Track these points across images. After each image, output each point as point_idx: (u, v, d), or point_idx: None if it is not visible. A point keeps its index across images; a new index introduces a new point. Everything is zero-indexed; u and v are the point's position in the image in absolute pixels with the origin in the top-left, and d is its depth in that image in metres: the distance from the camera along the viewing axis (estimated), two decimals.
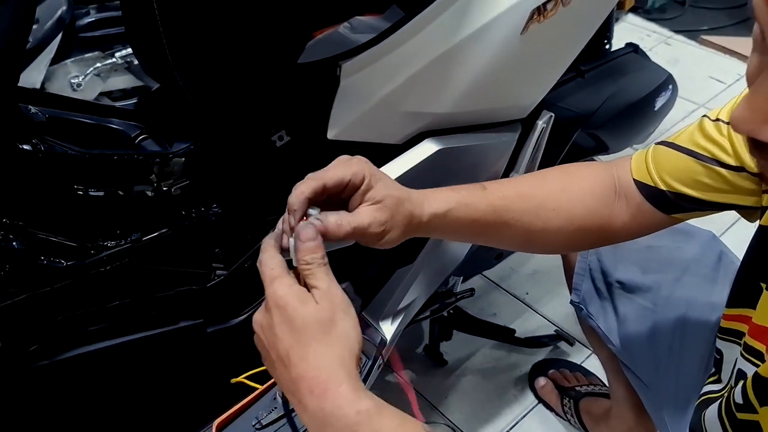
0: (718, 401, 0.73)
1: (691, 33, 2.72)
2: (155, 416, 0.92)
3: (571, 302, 1.10)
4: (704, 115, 0.72)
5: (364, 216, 0.65)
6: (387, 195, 0.66)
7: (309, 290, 0.57)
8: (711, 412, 0.75)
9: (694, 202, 0.73)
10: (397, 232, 0.67)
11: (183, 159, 0.86)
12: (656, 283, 1.00)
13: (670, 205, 0.75)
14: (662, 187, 0.74)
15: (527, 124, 1.07)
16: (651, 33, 2.74)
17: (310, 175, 0.64)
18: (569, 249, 0.83)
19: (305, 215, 0.62)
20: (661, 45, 2.66)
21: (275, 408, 0.98)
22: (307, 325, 0.55)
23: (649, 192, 0.75)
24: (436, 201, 0.71)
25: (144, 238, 0.85)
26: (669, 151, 0.74)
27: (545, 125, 1.07)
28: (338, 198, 0.66)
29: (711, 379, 0.88)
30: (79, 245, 0.81)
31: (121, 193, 0.84)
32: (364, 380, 1.01)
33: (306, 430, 0.90)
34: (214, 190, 0.91)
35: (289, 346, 0.55)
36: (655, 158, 0.75)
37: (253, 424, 0.97)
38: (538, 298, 1.65)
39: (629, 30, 2.74)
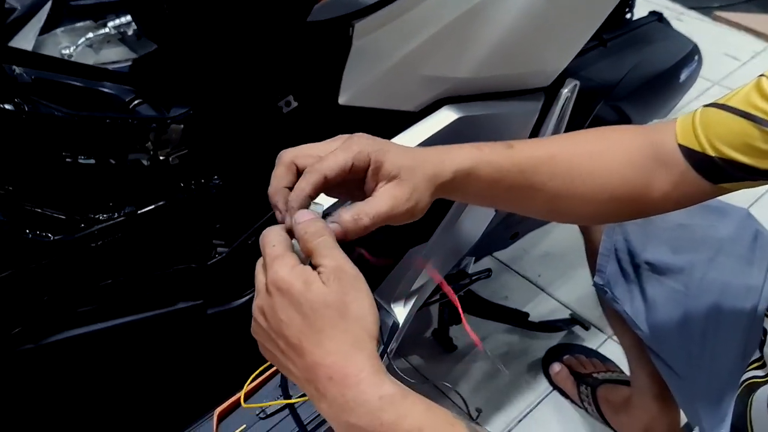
0: (765, 385, 0.67)
1: (705, 9, 2.64)
2: (151, 406, 0.86)
3: (595, 285, 1.03)
4: (761, 75, 0.65)
5: (382, 200, 0.59)
6: (401, 166, 0.60)
7: (315, 269, 0.52)
8: (759, 399, 0.68)
9: (746, 171, 0.66)
10: (425, 200, 0.61)
11: (181, 126, 0.80)
12: (688, 264, 0.93)
13: (718, 174, 0.67)
14: (711, 153, 0.67)
15: (550, 93, 1.00)
16: (663, 9, 2.65)
17: (308, 168, 0.58)
18: (599, 220, 0.76)
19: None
20: (673, 21, 2.56)
21: (280, 396, 0.92)
22: (317, 309, 0.50)
23: (696, 158, 0.68)
24: (459, 157, 0.64)
25: (139, 212, 0.78)
26: (720, 113, 0.67)
27: (570, 94, 1.00)
28: (348, 182, 0.60)
29: (754, 365, 0.82)
30: (67, 218, 0.75)
31: (113, 161, 0.77)
32: None
33: (312, 420, 0.84)
34: (215, 160, 0.84)
35: (300, 332, 0.50)
36: (703, 121, 0.68)
37: (257, 413, 0.91)
38: (551, 281, 1.59)
39: (641, 5, 2.65)
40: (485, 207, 0.72)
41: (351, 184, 0.61)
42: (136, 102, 0.82)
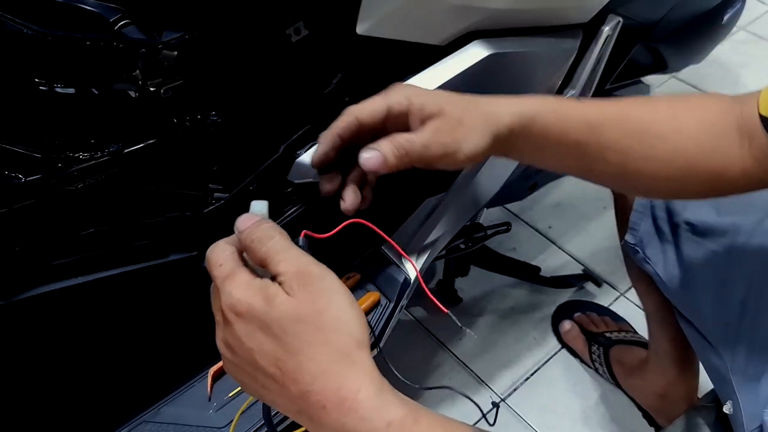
0: None
1: None
2: (140, 366, 0.78)
3: (625, 243, 0.95)
4: None
5: (423, 131, 0.55)
6: (446, 102, 0.56)
7: (274, 279, 0.44)
8: None
9: None
10: (475, 139, 0.56)
11: (175, 52, 0.69)
12: (733, 227, 0.85)
13: None
14: None
15: (589, 30, 0.90)
16: None
17: (344, 111, 0.58)
18: (671, 193, 0.69)
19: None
20: None
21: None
22: (287, 327, 0.42)
23: None
24: (521, 102, 0.59)
25: (125, 151, 0.68)
26: None
27: (611, 32, 0.90)
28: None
29: None
30: (43, 156, 0.65)
31: (95, 91, 0.66)
32: (385, 325, 0.87)
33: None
34: (213, 93, 0.73)
35: (276, 359, 0.42)
36: None
37: None
38: (563, 233, 1.51)
39: None
40: (545, 167, 0.65)
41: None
42: (122, 23, 0.70)
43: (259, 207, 0.49)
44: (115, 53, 0.65)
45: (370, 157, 0.55)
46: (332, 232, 0.53)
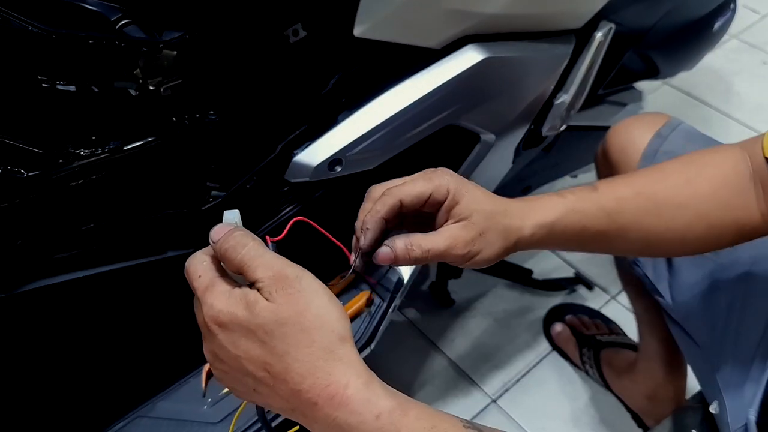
0: None
1: None
2: (136, 361, 0.79)
3: None
4: None
5: (441, 237, 0.57)
6: (475, 210, 0.58)
7: (253, 285, 0.45)
8: None
9: None
10: (491, 251, 0.58)
11: (175, 52, 0.70)
12: None
13: None
14: None
15: (582, 36, 0.91)
16: None
17: (385, 191, 0.58)
18: (700, 250, 0.72)
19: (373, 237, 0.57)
20: None
21: None
22: (272, 331, 0.43)
23: None
24: (542, 209, 0.61)
25: (125, 148, 0.69)
26: None
27: (604, 38, 0.91)
28: (422, 216, 0.60)
29: None
30: (44, 152, 0.66)
31: (96, 89, 0.67)
32: (378, 325, 0.88)
33: None
34: (212, 92, 0.75)
35: (264, 363, 0.44)
36: None
37: None
38: None
39: None
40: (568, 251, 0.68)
41: (424, 219, 0.60)
42: (123, 22, 0.71)
43: (232, 216, 0.50)
44: (117, 52, 0.66)
45: (383, 256, 0.57)
46: (283, 234, 0.54)
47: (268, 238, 0.52)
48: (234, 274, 0.47)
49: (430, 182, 0.58)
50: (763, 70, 1.96)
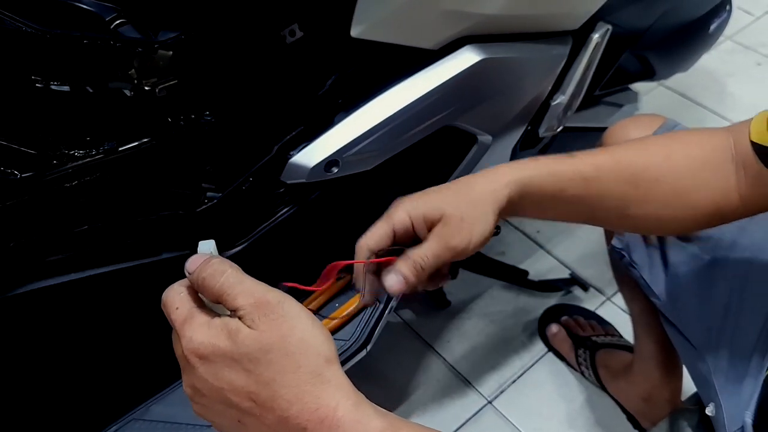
0: None
1: None
2: (130, 363, 0.78)
3: (612, 248, 0.97)
4: None
5: (430, 242, 0.58)
6: (440, 206, 0.59)
7: (233, 313, 0.44)
8: None
9: None
10: (482, 226, 0.59)
11: (170, 52, 0.69)
12: (717, 233, 0.87)
13: None
14: None
15: (579, 37, 0.91)
16: None
17: (356, 246, 0.60)
18: (677, 230, 0.72)
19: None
20: None
21: None
22: (257, 359, 0.42)
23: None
24: (515, 169, 0.62)
25: (120, 149, 0.69)
26: None
27: (600, 39, 0.91)
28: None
29: None
30: (38, 153, 0.65)
31: (91, 90, 0.67)
32: (375, 326, 0.88)
33: None
34: (208, 93, 0.74)
35: (249, 393, 0.42)
36: None
37: None
38: (551, 237, 1.52)
39: None
40: (550, 220, 0.68)
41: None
42: (118, 22, 0.71)
43: (207, 246, 0.49)
44: (111, 52, 0.66)
45: (394, 283, 0.58)
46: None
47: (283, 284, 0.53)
48: (213, 305, 0.46)
49: (389, 220, 0.60)
50: (757, 71, 1.97)
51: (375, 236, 0.59)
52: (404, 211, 0.60)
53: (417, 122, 0.81)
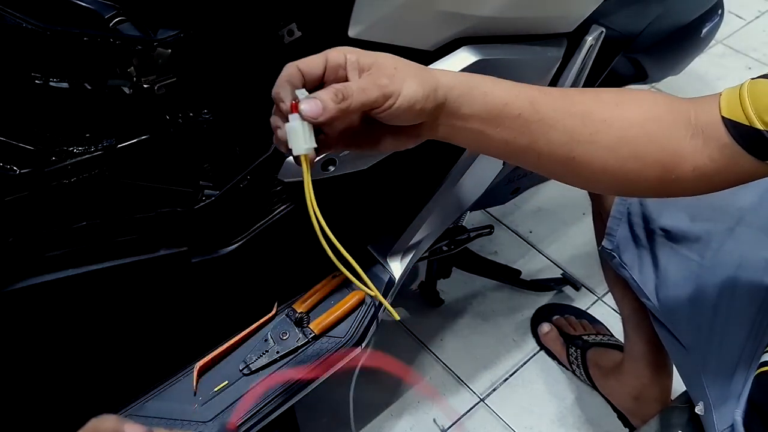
0: None
1: None
2: (127, 358, 0.79)
3: (602, 249, 0.98)
4: None
5: (360, 81, 0.57)
6: (383, 55, 0.59)
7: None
8: None
9: None
10: (411, 89, 0.56)
11: (169, 50, 0.70)
12: (706, 234, 0.88)
13: (766, 149, 0.61)
14: (759, 126, 0.60)
15: (573, 39, 0.92)
16: None
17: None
18: (621, 186, 0.68)
19: (295, 100, 0.56)
20: None
21: (266, 351, 0.86)
22: None
23: (742, 132, 0.61)
24: (464, 74, 0.60)
25: (118, 146, 0.69)
26: None
27: (594, 42, 0.92)
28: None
29: None
30: (37, 149, 0.65)
31: (90, 87, 0.67)
32: (369, 324, 0.89)
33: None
34: (206, 91, 0.75)
35: None
36: (753, 93, 0.61)
37: (241, 368, 0.85)
38: (543, 238, 1.54)
39: None
40: (493, 151, 0.64)
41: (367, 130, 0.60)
42: (118, 19, 0.71)
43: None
44: (111, 49, 0.66)
45: (309, 106, 0.55)
46: None
47: None
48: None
49: (324, 53, 0.59)
50: (747, 74, 1.96)
51: (307, 60, 0.58)
52: (341, 50, 0.59)
53: None
